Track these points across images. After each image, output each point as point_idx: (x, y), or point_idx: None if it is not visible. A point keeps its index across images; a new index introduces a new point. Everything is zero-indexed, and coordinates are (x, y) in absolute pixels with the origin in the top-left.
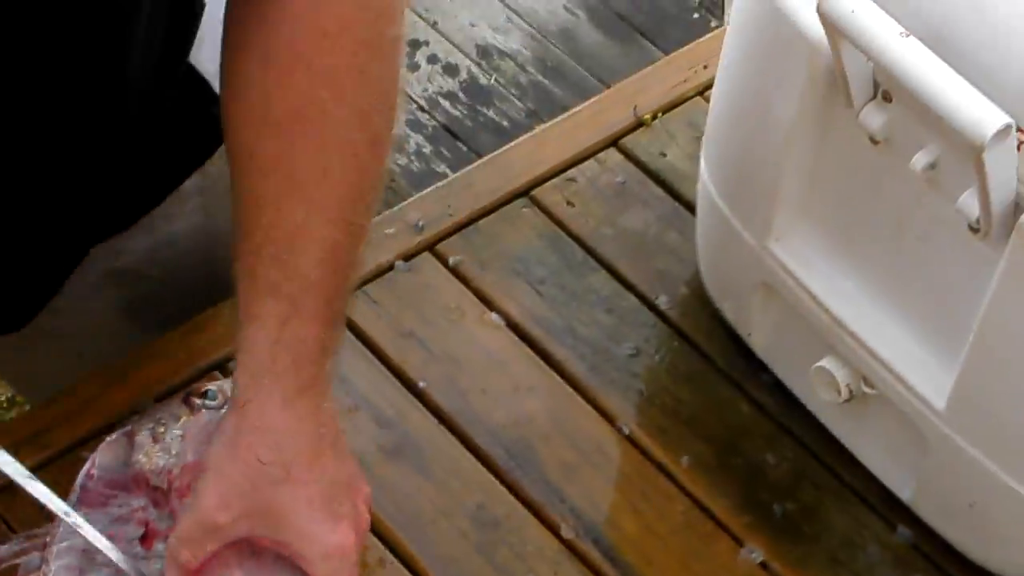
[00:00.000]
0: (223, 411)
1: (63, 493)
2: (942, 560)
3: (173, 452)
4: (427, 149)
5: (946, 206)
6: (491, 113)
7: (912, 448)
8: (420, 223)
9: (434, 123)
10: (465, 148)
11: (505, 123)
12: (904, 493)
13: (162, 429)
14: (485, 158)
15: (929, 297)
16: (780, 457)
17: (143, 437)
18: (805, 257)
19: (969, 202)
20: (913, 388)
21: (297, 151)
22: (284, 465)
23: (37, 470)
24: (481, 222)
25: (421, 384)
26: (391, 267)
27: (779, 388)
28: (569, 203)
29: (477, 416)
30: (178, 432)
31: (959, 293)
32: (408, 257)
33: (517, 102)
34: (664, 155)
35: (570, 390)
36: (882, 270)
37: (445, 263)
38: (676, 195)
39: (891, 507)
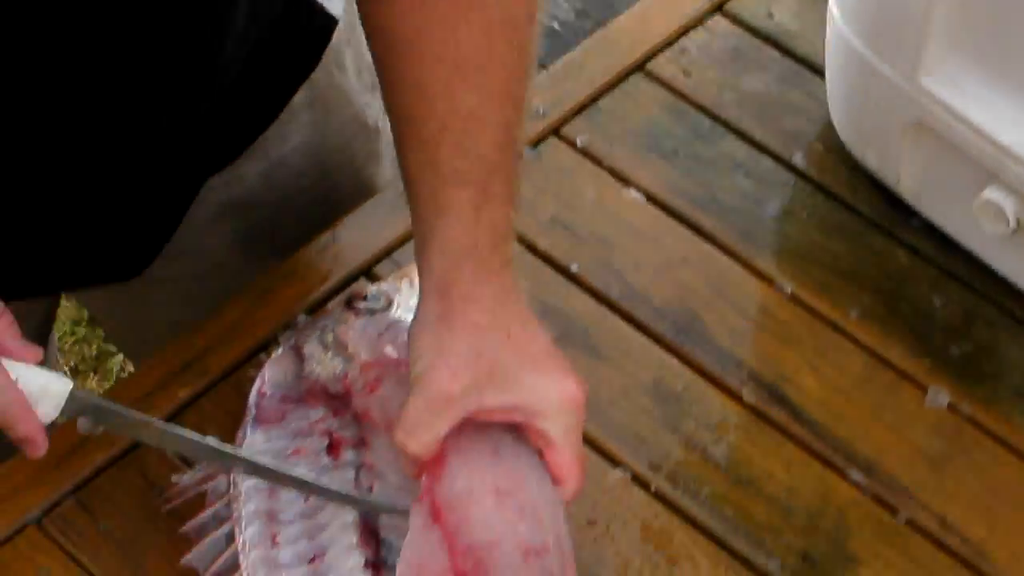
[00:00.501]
0: (390, 312)
1: (229, 417)
2: None
3: (346, 357)
4: None
5: None
6: (539, 17)
7: None
8: (541, 109)
9: None
10: None
11: (555, 25)
12: None
13: (330, 336)
14: (592, 37)
15: None
16: (947, 299)
17: (312, 347)
18: (961, 88)
19: None
20: None
21: (462, 35)
22: (503, 328)
23: (199, 397)
24: (601, 101)
25: (574, 268)
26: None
27: (933, 231)
28: (686, 73)
29: (636, 293)
30: (348, 336)
31: None
32: (535, 144)
33: (564, 3)
34: (771, 15)
35: (724, 257)
36: None
37: (573, 145)
38: (790, 54)
39: None
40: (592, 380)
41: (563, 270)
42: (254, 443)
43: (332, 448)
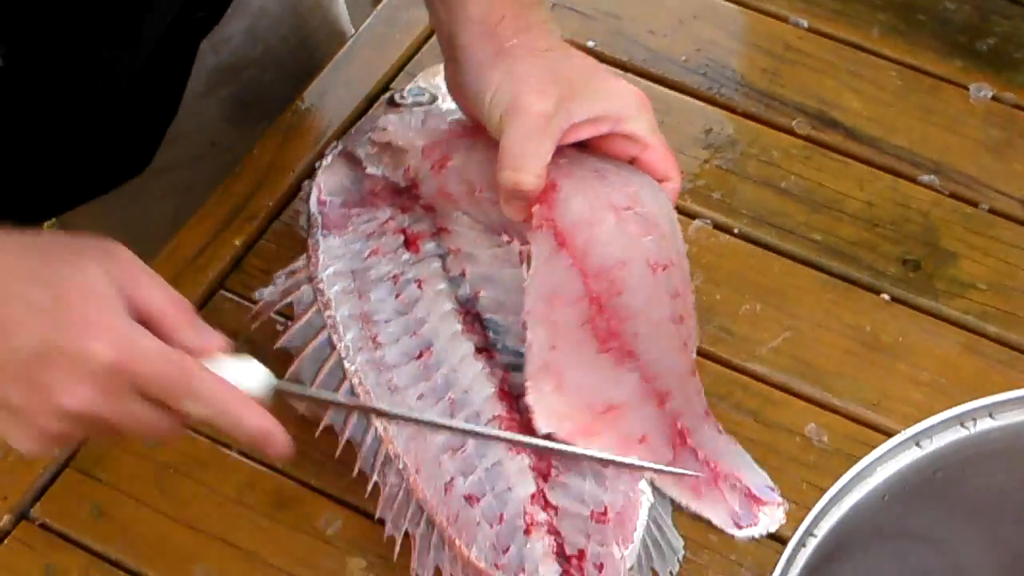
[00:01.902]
0: (436, 104)
1: (291, 251)
2: None
3: (402, 149)
4: None
5: None
6: None
7: None
8: None
9: None
10: None
11: None
12: None
13: (381, 134)
14: None
15: None
16: (958, 2)
17: (364, 150)
18: None
19: None
20: None
21: None
22: (562, 47)
23: (256, 241)
24: None
25: (591, 44)
26: None
27: None
28: None
29: (660, 55)
30: (399, 132)
31: None
32: None
33: None
34: None
35: (732, 6)
36: None
37: None
38: None
39: None
40: None
41: (581, 49)
42: (329, 248)
43: (409, 243)
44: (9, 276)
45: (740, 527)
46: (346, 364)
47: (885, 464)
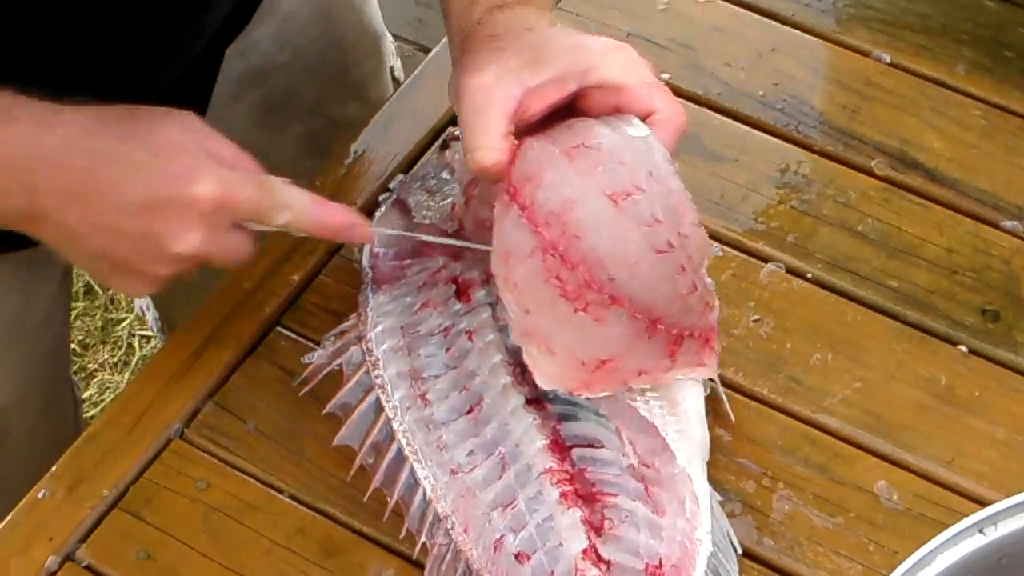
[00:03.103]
0: None
1: (350, 289)
2: None
3: (452, 196)
4: None
5: None
6: None
7: None
8: None
9: None
10: None
11: None
12: None
13: (434, 181)
14: None
15: None
16: None
17: (416, 197)
18: None
19: None
20: None
21: None
22: (545, 28)
23: (314, 278)
24: None
25: (665, 76)
26: None
27: None
28: None
29: (735, 89)
30: (449, 177)
31: None
32: None
33: None
34: None
35: (812, 39)
36: None
37: None
38: None
39: None
40: (716, 183)
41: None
42: (379, 305)
43: (460, 293)
44: (99, 139)
45: None
46: (394, 424)
47: (946, 552)
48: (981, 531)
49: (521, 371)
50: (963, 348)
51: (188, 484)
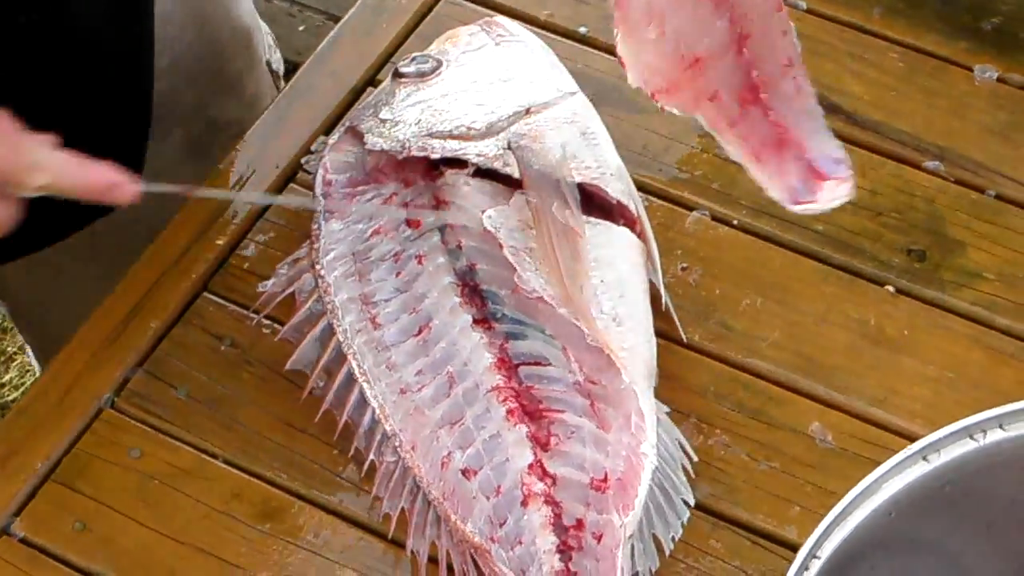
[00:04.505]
0: (440, 71)
1: (277, 243)
2: None
3: (409, 123)
4: None
5: None
6: None
7: None
8: None
9: None
10: None
11: None
12: None
13: (386, 108)
14: None
15: None
16: None
17: (369, 123)
18: None
19: None
20: None
21: None
22: None
23: (243, 238)
24: None
25: (583, 31)
26: None
27: None
28: None
29: None
30: (407, 103)
31: None
32: None
33: None
34: None
35: None
36: None
37: None
38: None
39: None
40: (639, 134)
41: (573, 34)
42: (330, 232)
43: (410, 218)
44: None
45: (797, 202)
46: (344, 348)
47: (891, 480)
48: (925, 458)
49: (470, 292)
50: (890, 288)
51: (121, 453)
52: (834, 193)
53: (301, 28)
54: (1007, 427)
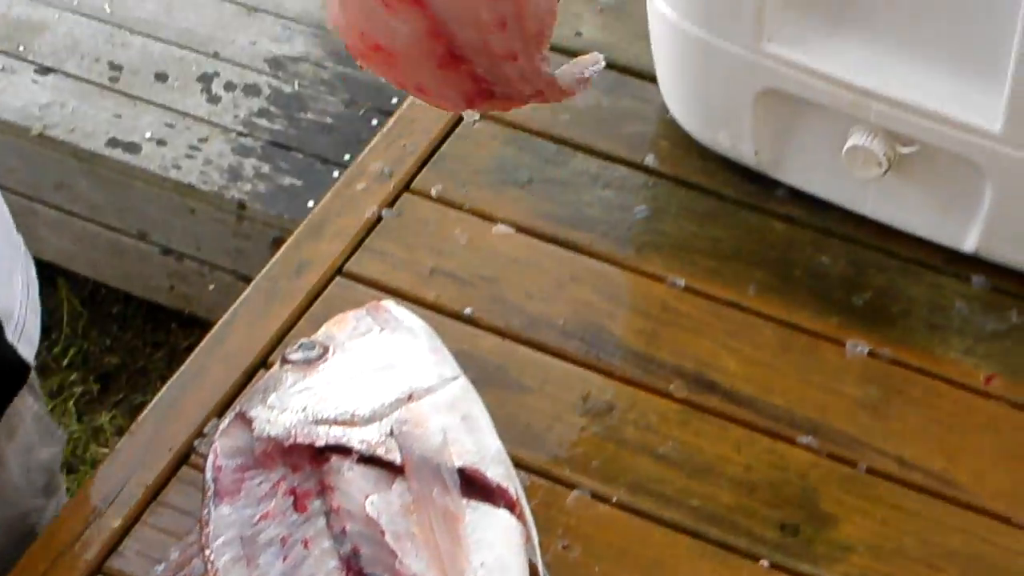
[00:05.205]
0: (326, 359)
1: (172, 526)
2: None
3: (295, 410)
4: (265, 168)
5: None
6: (311, 115)
7: (966, 193)
8: (386, 169)
9: (261, 142)
10: (301, 155)
11: (329, 120)
12: (967, 244)
13: (274, 395)
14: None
15: (951, 29)
16: (833, 256)
17: (257, 411)
18: (806, 44)
19: None
20: (963, 123)
21: None
22: None
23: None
24: (443, 149)
25: (468, 311)
26: (379, 218)
27: (801, 195)
28: None
29: (538, 319)
30: (293, 390)
31: (982, 9)
32: (391, 203)
33: (330, 97)
34: (579, 34)
35: (609, 267)
36: (894, 22)
37: (429, 196)
38: (610, 66)
39: (957, 262)
40: (523, 412)
41: (459, 316)
42: (220, 517)
43: (298, 503)
44: None
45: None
46: None
47: None
48: None
49: None
50: (764, 563)
51: None
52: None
53: (211, 287)
54: None
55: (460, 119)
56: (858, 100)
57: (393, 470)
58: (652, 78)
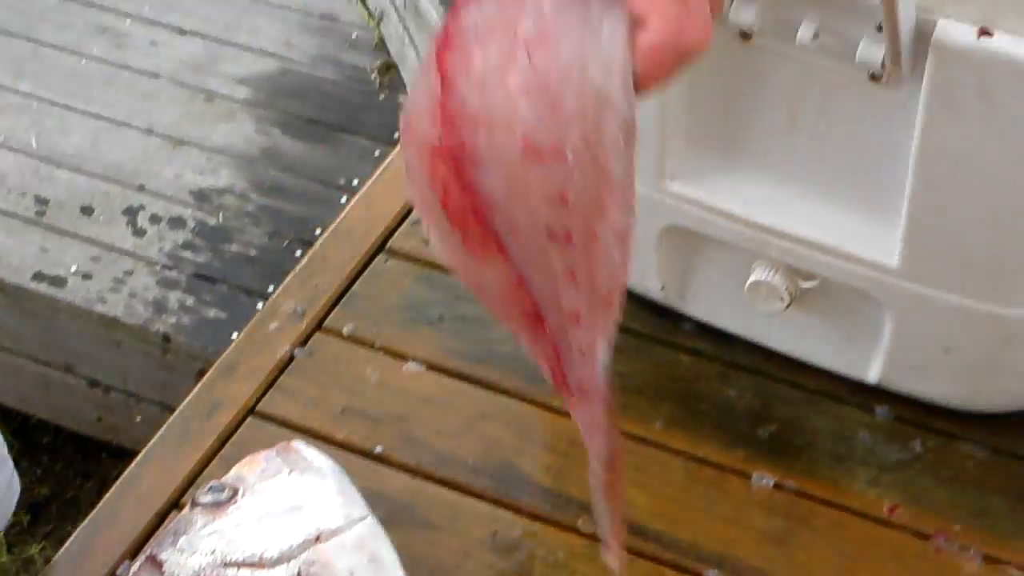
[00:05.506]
0: (235, 500)
1: None
2: (928, 420)
3: (204, 552)
4: (190, 301)
5: (838, 70)
6: (235, 247)
7: (867, 325)
8: (298, 308)
9: (185, 275)
10: (226, 287)
11: (253, 251)
12: (870, 375)
13: (184, 537)
14: (329, 231)
15: (847, 167)
16: (740, 389)
17: (168, 553)
18: (707, 183)
19: (869, 51)
20: (861, 258)
21: None
22: None
23: None
24: (355, 288)
25: (378, 450)
26: (292, 357)
27: (707, 329)
28: (425, 242)
29: (447, 458)
30: (203, 533)
31: (876, 148)
32: (303, 342)
33: (254, 228)
34: None
35: (519, 403)
36: (791, 161)
37: (341, 335)
38: None
39: (862, 392)
40: (432, 551)
41: (369, 454)
42: None
43: None
44: None
45: None
46: None
47: None
48: None
49: None
50: None
51: None
52: None
53: (138, 419)
54: None
55: (374, 256)
56: (759, 236)
57: None
58: None
